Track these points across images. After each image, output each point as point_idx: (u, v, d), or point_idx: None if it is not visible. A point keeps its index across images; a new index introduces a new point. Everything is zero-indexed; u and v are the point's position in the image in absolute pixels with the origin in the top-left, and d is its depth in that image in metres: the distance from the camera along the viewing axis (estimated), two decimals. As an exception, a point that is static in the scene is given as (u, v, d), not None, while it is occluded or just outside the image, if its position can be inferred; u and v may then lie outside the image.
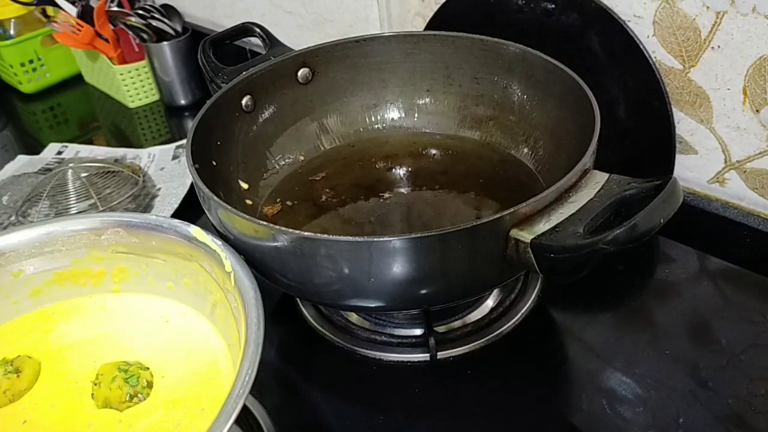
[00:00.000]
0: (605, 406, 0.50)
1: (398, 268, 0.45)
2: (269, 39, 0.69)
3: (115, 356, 0.49)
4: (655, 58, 0.61)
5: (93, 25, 0.99)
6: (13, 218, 0.77)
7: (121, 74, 1.04)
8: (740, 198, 0.62)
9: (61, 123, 1.09)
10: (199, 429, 0.43)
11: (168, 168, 0.86)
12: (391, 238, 0.43)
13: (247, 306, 0.43)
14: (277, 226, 0.45)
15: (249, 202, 0.63)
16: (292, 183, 0.67)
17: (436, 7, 0.74)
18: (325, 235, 0.45)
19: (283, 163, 0.68)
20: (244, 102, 0.64)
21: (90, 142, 0.98)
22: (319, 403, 0.54)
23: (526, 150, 0.65)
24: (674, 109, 0.62)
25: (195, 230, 0.49)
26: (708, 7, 0.56)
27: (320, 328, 0.59)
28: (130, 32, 1.00)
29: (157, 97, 1.08)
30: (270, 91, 0.66)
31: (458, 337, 0.56)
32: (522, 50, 0.62)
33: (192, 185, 0.58)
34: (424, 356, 0.55)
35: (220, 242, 0.47)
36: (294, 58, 0.67)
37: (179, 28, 1.00)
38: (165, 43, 0.99)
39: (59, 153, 0.93)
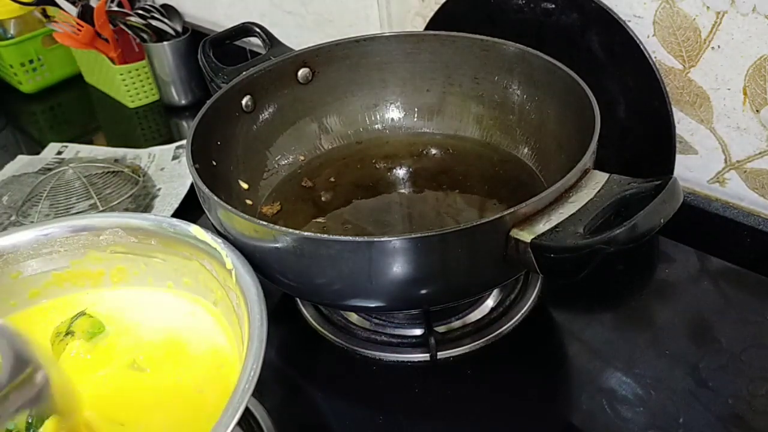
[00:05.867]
0: (605, 406, 0.50)
1: (398, 268, 0.45)
2: (269, 39, 0.69)
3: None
4: (655, 58, 0.61)
5: (93, 25, 0.99)
6: (13, 218, 0.77)
7: (121, 74, 1.04)
8: (740, 198, 0.62)
9: (61, 123, 1.09)
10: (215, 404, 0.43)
11: (168, 168, 0.86)
12: (391, 238, 0.43)
13: (250, 303, 0.43)
14: (277, 226, 0.45)
15: (249, 202, 0.63)
16: (292, 183, 0.67)
17: (436, 7, 0.74)
18: (325, 235, 0.45)
19: (283, 163, 0.68)
20: (244, 102, 0.64)
21: (90, 142, 0.98)
22: (319, 403, 0.54)
23: (526, 150, 0.65)
24: (674, 109, 0.62)
25: (195, 229, 0.49)
26: (708, 7, 0.56)
27: (320, 328, 0.59)
28: (130, 32, 1.00)
29: (156, 97, 1.08)
30: (270, 91, 0.66)
31: (458, 337, 0.56)
32: (522, 50, 0.62)
33: (192, 185, 0.58)
34: (424, 356, 0.55)
35: (220, 240, 0.47)
36: (294, 58, 0.67)
37: (179, 28, 1.00)
38: (165, 43, 0.99)
39: (59, 153, 0.93)
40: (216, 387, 0.46)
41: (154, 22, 0.98)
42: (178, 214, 0.76)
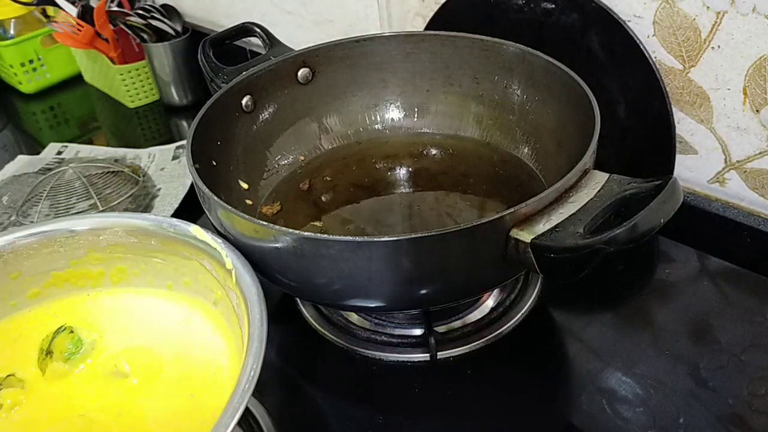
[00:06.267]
0: (605, 406, 0.50)
1: (398, 268, 0.45)
2: (269, 39, 0.69)
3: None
4: (655, 58, 0.61)
5: (93, 25, 0.99)
6: (13, 218, 0.77)
7: (121, 74, 1.04)
8: (740, 198, 0.62)
9: (61, 123, 1.09)
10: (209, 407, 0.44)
11: (168, 168, 0.86)
12: (391, 238, 0.43)
13: (250, 303, 0.43)
14: (277, 227, 0.45)
15: (249, 202, 0.63)
16: (292, 183, 0.67)
17: (436, 7, 0.74)
18: (325, 235, 0.45)
19: (284, 163, 0.68)
20: (244, 102, 0.64)
21: (90, 142, 0.98)
22: (319, 403, 0.54)
23: (526, 150, 0.65)
24: (674, 109, 0.62)
25: (195, 229, 0.49)
26: (708, 7, 0.56)
27: (320, 328, 0.59)
28: (130, 32, 1.00)
29: (156, 97, 1.08)
30: (270, 91, 0.66)
31: (458, 337, 0.56)
32: (522, 50, 0.62)
33: (192, 185, 0.58)
34: (424, 356, 0.55)
35: (220, 240, 0.47)
36: (294, 58, 0.67)
37: (179, 28, 1.00)
38: (165, 43, 0.99)
39: (59, 153, 0.93)
40: (210, 396, 0.46)
41: (154, 22, 0.98)
42: (178, 214, 0.76)
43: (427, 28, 0.77)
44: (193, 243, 0.49)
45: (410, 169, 0.67)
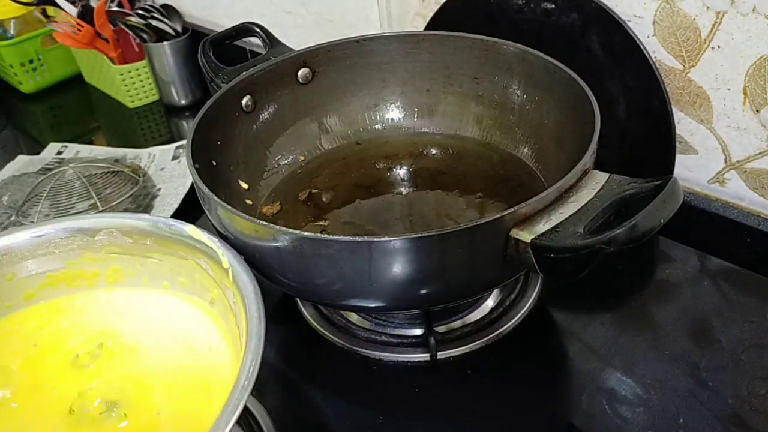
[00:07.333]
0: (605, 406, 0.50)
1: (398, 268, 0.45)
2: (269, 39, 0.69)
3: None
4: (655, 58, 0.61)
5: (93, 25, 0.99)
6: (13, 218, 0.77)
7: (121, 74, 1.04)
8: (740, 198, 0.62)
9: (61, 123, 1.09)
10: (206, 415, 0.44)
11: (168, 168, 0.86)
12: (391, 238, 0.43)
13: (247, 300, 0.42)
14: (277, 226, 0.45)
15: (249, 202, 0.63)
16: (292, 183, 0.67)
17: (436, 7, 0.74)
18: (325, 235, 0.45)
19: (283, 163, 0.68)
20: (244, 102, 0.64)
21: (90, 142, 0.98)
22: (319, 403, 0.54)
23: (526, 150, 0.65)
24: (674, 109, 0.62)
25: (191, 229, 0.49)
26: (708, 7, 0.56)
27: (320, 328, 0.59)
28: (130, 32, 1.01)
29: (156, 97, 1.08)
30: (270, 91, 0.66)
31: (458, 337, 0.56)
32: (522, 50, 0.62)
33: (192, 185, 0.58)
34: (424, 356, 0.55)
35: (216, 239, 0.47)
36: (294, 58, 0.67)
37: (179, 28, 1.00)
38: (165, 43, 0.99)
39: (59, 153, 0.93)
40: (209, 396, 0.45)
41: (154, 22, 0.98)
42: (177, 214, 0.76)
43: (427, 28, 0.77)
44: (189, 242, 0.49)
45: (410, 169, 0.67)
